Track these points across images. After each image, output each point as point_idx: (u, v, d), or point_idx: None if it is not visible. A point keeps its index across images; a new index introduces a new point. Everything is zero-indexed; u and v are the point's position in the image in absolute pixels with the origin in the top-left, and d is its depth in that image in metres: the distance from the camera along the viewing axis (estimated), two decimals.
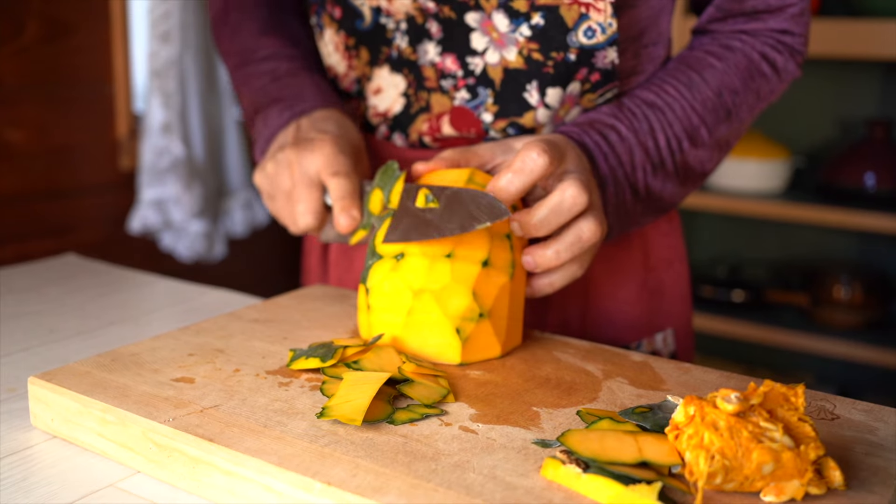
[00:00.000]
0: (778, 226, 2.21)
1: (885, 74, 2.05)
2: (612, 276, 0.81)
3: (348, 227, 0.68)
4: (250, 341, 0.65)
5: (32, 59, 1.57)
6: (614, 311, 0.82)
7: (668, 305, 0.85)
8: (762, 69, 0.77)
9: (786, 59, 0.78)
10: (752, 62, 0.77)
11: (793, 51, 0.78)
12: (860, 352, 1.94)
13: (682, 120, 0.73)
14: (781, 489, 0.43)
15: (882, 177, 1.92)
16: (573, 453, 0.45)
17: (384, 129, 0.80)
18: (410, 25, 0.74)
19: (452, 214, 0.62)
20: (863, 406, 0.55)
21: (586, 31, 0.69)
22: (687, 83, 0.75)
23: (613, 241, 0.80)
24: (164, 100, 1.77)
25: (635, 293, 0.82)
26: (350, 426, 0.50)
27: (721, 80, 0.75)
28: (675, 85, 0.75)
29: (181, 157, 1.78)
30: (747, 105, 0.77)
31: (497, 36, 0.71)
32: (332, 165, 0.69)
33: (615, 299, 0.82)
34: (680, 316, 0.86)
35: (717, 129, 0.75)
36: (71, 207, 1.69)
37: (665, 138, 0.73)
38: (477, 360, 0.62)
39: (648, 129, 0.72)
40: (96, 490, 0.50)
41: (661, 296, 0.84)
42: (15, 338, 0.75)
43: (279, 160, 0.71)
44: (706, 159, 0.76)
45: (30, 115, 1.58)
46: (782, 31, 0.77)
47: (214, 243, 1.94)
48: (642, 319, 0.83)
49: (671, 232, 0.85)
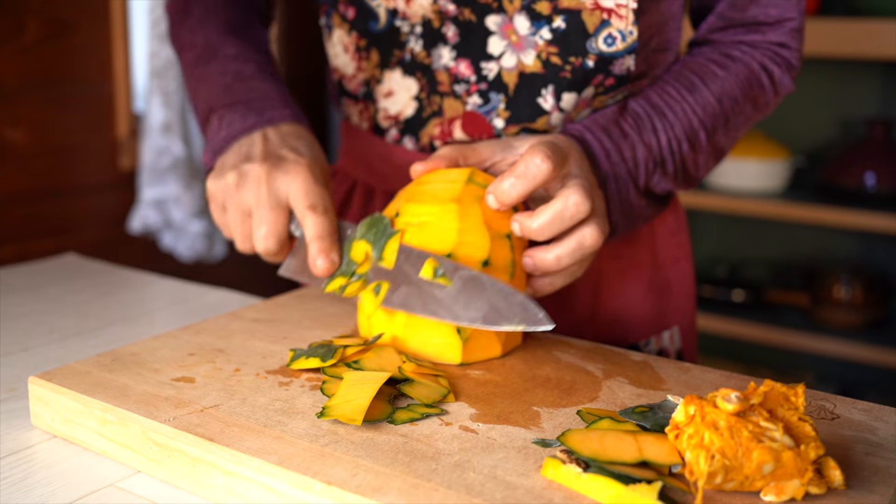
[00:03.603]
0: (778, 226, 2.21)
1: (885, 74, 2.05)
2: (621, 274, 0.81)
3: (326, 271, 0.65)
4: (250, 341, 0.65)
5: (32, 59, 1.57)
6: (623, 309, 0.82)
7: (674, 303, 0.85)
8: (761, 80, 0.77)
9: (782, 73, 0.79)
10: (752, 72, 0.77)
11: (789, 65, 0.79)
12: (860, 352, 1.94)
13: (683, 122, 0.73)
14: (781, 489, 0.43)
15: (882, 177, 1.92)
16: (573, 453, 0.45)
17: (395, 132, 0.80)
18: (426, 29, 0.74)
19: (472, 301, 0.59)
20: (863, 406, 0.55)
21: (606, 39, 0.70)
22: (689, 87, 0.75)
23: (622, 238, 0.80)
24: (165, 99, 1.77)
25: (643, 291, 0.82)
26: (350, 426, 0.50)
27: (722, 88, 0.76)
28: (677, 88, 0.75)
29: (181, 157, 1.78)
30: (744, 115, 0.78)
31: (516, 39, 0.71)
32: (308, 196, 0.66)
33: (624, 297, 0.82)
34: (686, 314, 0.86)
35: (715, 135, 0.76)
36: (71, 207, 1.69)
37: (667, 139, 0.73)
38: (477, 359, 0.62)
39: (651, 129, 0.72)
40: (96, 489, 0.50)
41: (668, 293, 0.84)
42: (15, 337, 0.75)
43: (245, 173, 0.67)
44: (701, 164, 0.77)
45: (30, 114, 1.58)
46: (780, 45, 0.78)
47: (214, 243, 1.94)
48: (650, 317, 0.83)
49: (679, 230, 0.86)
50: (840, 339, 1.97)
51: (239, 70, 0.78)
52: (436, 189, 0.64)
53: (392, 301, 0.62)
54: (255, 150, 0.69)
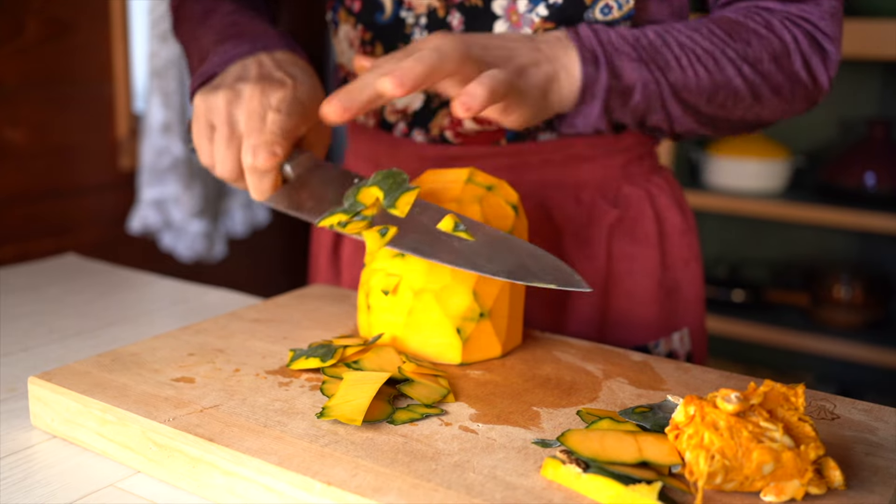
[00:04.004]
0: (778, 226, 2.21)
1: (886, 74, 2.04)
2: (629, 275, 0.81)
3: (265, 165, 0.61)
4: (250, 341, 0.65)
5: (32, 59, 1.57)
6: (632, 310, 0.81)
7: (684, 305, 0.84)
8: (789, 49, 0.71)
9: (816, 58, 0.72)
10: (785, 43, 0.71)
11: (826, 58, 0.72)
12: (860, 352, 1.94)
13: (686, 29, 0.68)
14: (781, 489, 0.43)
15: (882, 177, 1.92)
16: (573, 453, 0.45)
17: (403, 125, 0.79)
18: (431, 19, 0.74)
19: (497, 255, 0.56)
20: (863, 406, 0.55)
21: (603, 8, 0.69)
22: (704, 23, 0.70)
23: (630, 239, 0.80)
24: (164, 99, 1.77)
25: (653, 292, 0.82)
26: (350, 426, 0.50)
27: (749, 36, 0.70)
28: (687, 24, 0.70)
29: (181, 157, 1.78)
30: (771, 79, 0.70)
31: (516, 19, 0.71)
32: (287, 102, 0.63)
33: (633, 298, 0.81)
34: (695, 315, 0.86)
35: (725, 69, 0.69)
36: (71, 207, 1.69)
37: (656, 32, 0.68)
38: (477, 359, 0.62)
39: (638, 32, 0.68)
40: (96, 490, 0.50)
41: (677, 295, 0.84)
42: (15, 338, 0.75)
43: (239, 91, 0.64)
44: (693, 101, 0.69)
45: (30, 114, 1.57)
46: (815, 26, 0.72)
47: (214, 243, 1.94)
48: (660, 319, 0.82)
49: (688, 230, 0.85)
50: (840, 339, 1.97)
51: (235, 19, 0.75)
52: (436, 189, 0.64)
53: (402, 244, 0.58)
54: (250, 72, 0.66)
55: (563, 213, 0.79)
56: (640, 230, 0.81)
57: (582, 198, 0.79)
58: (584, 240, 0.79)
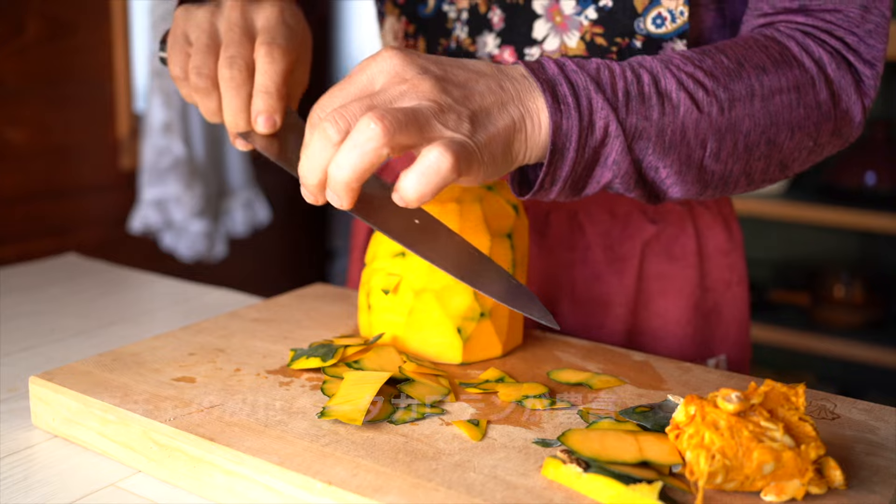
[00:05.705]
0: (779, 226, 2.21)
1: (886, 74, 2.05)
2: (662, 294, 0.77)
3: (267, 130, 0.60)
4: (251, 341, 0.65)
5: (32, 59, 1.57)
6: (662, 330, 0.77)
7: (723, 330, 0.79)
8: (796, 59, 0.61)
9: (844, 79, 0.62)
10: (806, 69, 0.61)
11: (858, 78, 0.62)
12: (860, 351, 1.94)
13: (661, 61, 0.58)
14: (782, 489, 0.43)
15: (882, 177, 1.92)
16: (574, 453, 0.46)
17: None
18: (472, 15, 0.73)
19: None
20: (863, 405, 0.55)
21: (655, 19, 0.65)
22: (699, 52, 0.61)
23: (667, 257, 0.76)
24: (165, 99, 1.77)
25: (688, 314, 0.77)
26: (351, 426, 0.50)
27: (742, 53, 0.60)
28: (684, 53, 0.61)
29: (182, 157, 1.79)
30: (788, 115, 0.60)
31: (560, 20, 0.68)
32: (271, 31, 0.61)
33: (664, 318, 0.77)
34: (736, 343, 0.81)
35: (727, 87, 0.58)
36: (71, 207, 1.69)
37: (621, 68, 0.57)
38: (478, 359, 0.62)
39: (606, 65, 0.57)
40: (97, 489, 0.50)
41: (716, 319, 0.79)
42: (15, 337, 0.76)
43: (220, 3, 0.63)
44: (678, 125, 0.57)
45: (30, 114, 1.58)
46: (846, 45, 0.62)
47: (215, 243, 1.94)
48: (693, 343, 0.78)
49: (732, 250, 0.80)
50: (840, 339, 1.97)
51: None
52: None
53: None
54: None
55: (595, 225, 0.76)
56: (678, 248, 0.77)
57: (617, 211, 0.76)
58: (616, 255, 0.76)
